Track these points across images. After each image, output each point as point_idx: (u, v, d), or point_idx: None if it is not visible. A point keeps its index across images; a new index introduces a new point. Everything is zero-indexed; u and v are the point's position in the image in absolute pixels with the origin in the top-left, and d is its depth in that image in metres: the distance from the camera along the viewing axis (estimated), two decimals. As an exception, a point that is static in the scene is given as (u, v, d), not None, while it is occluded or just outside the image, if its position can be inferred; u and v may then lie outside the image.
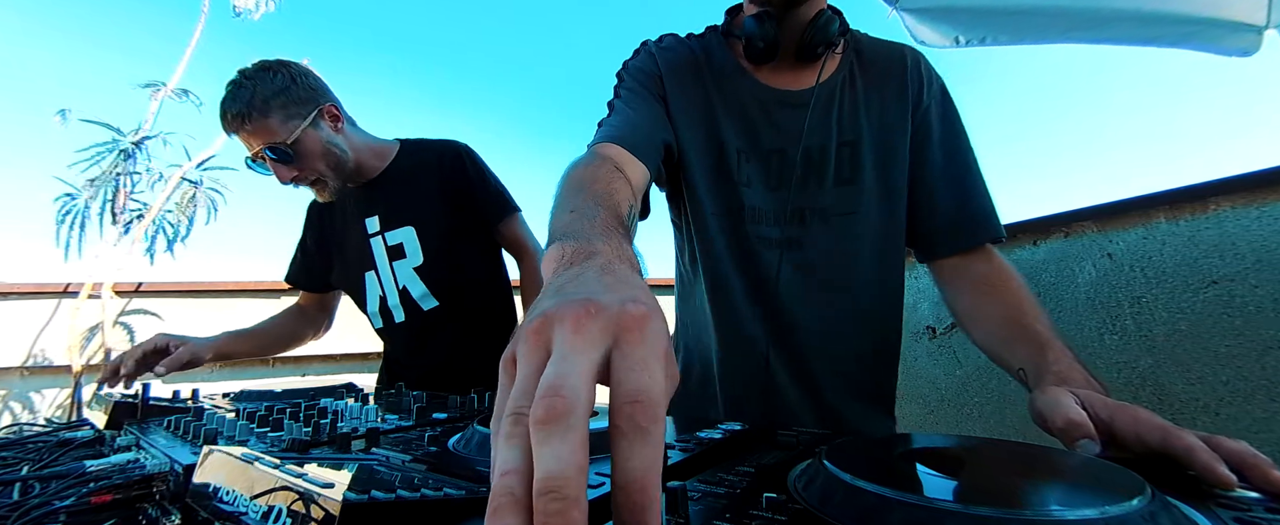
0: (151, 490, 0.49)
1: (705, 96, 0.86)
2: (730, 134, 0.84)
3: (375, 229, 1.25)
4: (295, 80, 1.13)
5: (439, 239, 1.23)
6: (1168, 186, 1.38)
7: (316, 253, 1.35)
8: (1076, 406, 0.47)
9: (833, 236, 0.83)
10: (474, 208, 1.26)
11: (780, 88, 0.84)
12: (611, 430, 0.23)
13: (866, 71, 0.85)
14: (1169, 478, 0.39)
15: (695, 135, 0.85)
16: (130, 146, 3.55)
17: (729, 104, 0.86)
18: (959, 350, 1.78)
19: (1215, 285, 1.30)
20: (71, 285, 2.55)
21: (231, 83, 1.11)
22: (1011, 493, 0.33)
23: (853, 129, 0.83)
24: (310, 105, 1.13)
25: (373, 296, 1.27)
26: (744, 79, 0.86)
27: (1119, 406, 0.47)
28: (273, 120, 1.09)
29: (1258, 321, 1.23)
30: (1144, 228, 1.42)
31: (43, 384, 2.41)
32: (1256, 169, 1.25)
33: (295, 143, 1.10)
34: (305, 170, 1.13)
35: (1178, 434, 0.40)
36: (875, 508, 0.30)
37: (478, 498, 0.35)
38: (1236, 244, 1.28)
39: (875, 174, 0.83)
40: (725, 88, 0.86)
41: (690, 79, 0.87)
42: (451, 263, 1.24)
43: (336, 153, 1.16)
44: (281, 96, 1.10)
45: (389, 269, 1.23)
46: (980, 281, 0.79)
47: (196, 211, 3.75)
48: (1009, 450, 0.41)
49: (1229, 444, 0.39)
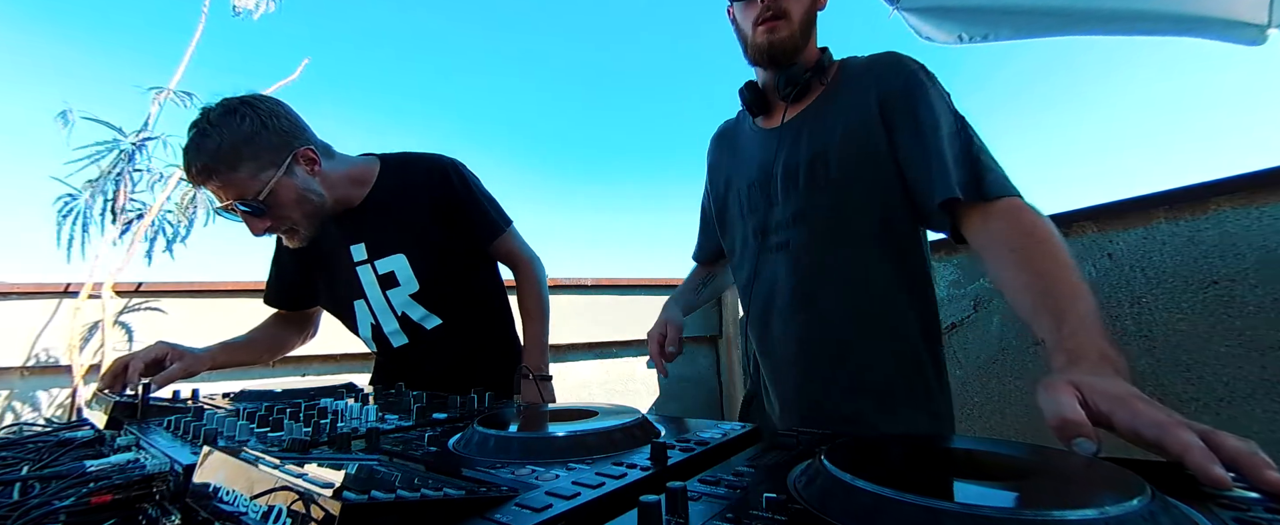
0: (151, 490, 0.49)
1: (727, 158, 1.10)
2: (744, 176, 1.01)
3: (362, 257, 1.17)
4: (266, 125, 1.01)
5: (433, 262, 1.18)
6: (1168, 187, 1.38)
7: (296, 275, 1.28)
8: (1072, 402, 0.45)
9: (812, 233, 0.90)
10: (466, 228, 1.21)
11: (769, 127, 0.99)
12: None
13: (845, 85, 0.92)
14: (1171, 476, 0.39)
15: (733, 190, 1.05)
16: (131, 146, 3.55)
17: (744, 154, 1.04)
18: (959, 350, 1.78)
19: (1215, 285, 1.30)
20: (72, 285, 2.55)
21: (194, 127, 0.99)
22: (1011, 493, 0.33)
23: (822, 142, 0.89)
24: (283, 151, 1.03)
25: (364, 323, 1.22)
26: (751, 131, 1.04)
27: (1120, 399, 0.44)
28: (242, 172, 0.98)
29: (1258, 321, 1.23)
30: (1144, 228, 1.42)
31: (43, 384, 2.41)
32: (1256, 169, 1.25)
33: (268, 195, 1.00)
34: (279, 222, 1.05)
35: (1175, 432, 0.39)
36: (875, 508, 0.30)
37: (478, 498, 0.35)
38: (1236, 244, 1.28)
39: (848, 176, 0.87)
40: (738, 143, 1.08)
41: (725, 148, 1.12)
42: (449, 282, 1.20)
43: (312, 199, 1.07)
44: (251, 145, 0.99)
45: (383, 298, 1.18)
46: (1000, 244, 0.72)
47: (197, 212, 3.74)
48: (1009, 450, 0.41)
49: (1230, 443, 0.38)
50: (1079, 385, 0.47)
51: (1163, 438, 0.39)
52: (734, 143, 1.09)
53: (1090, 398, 0.46)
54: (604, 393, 2.85)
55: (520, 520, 0.32)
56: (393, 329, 1.20)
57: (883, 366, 0.87)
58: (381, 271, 1.17)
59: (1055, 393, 0.46)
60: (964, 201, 0.76)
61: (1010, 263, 0.70)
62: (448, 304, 1.20)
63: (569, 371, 2.78)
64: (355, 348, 1.35)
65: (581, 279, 2.92)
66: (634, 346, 2.90)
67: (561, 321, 1.44)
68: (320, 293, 1.29)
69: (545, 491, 0.37)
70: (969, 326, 1.77)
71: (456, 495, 0.33)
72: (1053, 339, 0.60)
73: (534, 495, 0.36)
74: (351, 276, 1.19)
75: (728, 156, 1.10)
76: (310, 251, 1.19)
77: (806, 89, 0.94)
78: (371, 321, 1.21)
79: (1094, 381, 0.48)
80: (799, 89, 0.94)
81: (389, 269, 1.17)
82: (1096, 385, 0.47)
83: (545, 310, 1.26)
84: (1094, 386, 0.47)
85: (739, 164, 1.05)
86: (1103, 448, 0.41)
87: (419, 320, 1.18)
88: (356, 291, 1.20)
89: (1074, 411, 0.44)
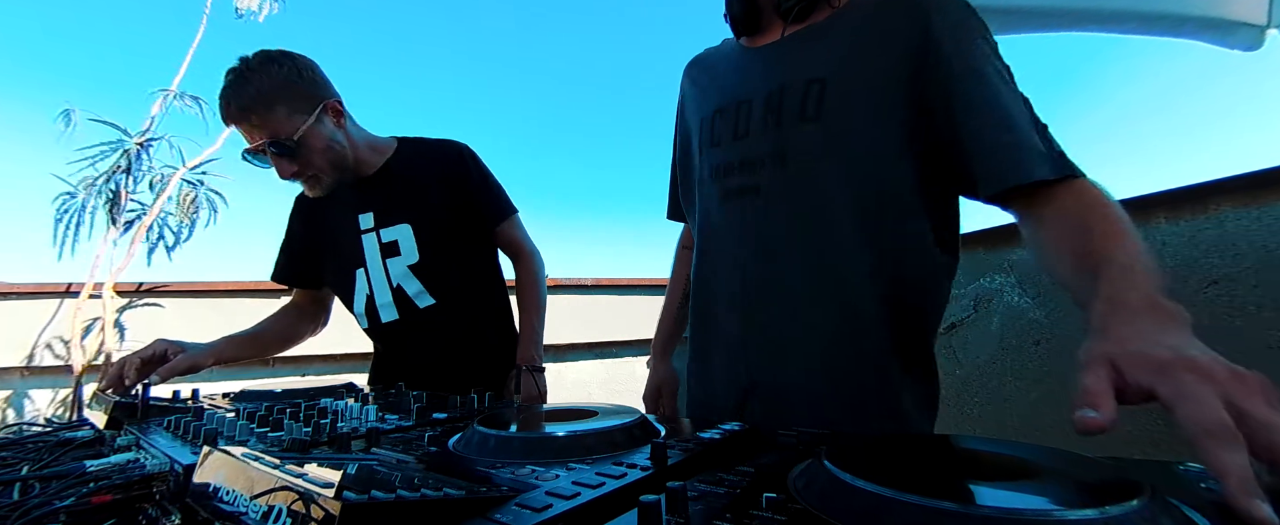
0: (151, 490, 0.49)
1: (705, 82, 0.90)
2: (712, 102, 0.85)
3: (369, 225, 1.22)
4: (300, 75, 1.10)
5: (437, 237, 1.21)
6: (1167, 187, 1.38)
7: (305, 249, 1.32)
8: (1100, 378, 0.37)
9: (789, 181, 0.73)
10: (473, 208, 1.25)
11: (759, 46, 0.82)
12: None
13: (858, 12, 0.75)
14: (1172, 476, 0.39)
15: (694, 120, 0.89)
16: (135, 147, 3.55)
17: (718, 79, 0.87)
18: (959, 350, 1.78)
19: (1215, 285, 1.30)
20: (72, 285, 2.55)
21: (233, 72, 1.07)
22: (1012, 493, 0.33)
23: (825, 65, 0.72)
24: (315, 101, 1.11)
25: (361, 295, 1.24)
26: (733, 52, 0.87)
27: (1163, 368, 0.36)
28: (277, 114, 1.06)
29: (1258, 321, 1.23)
30: (1144, 228, 1.42)
31: (43, 384, 2.41)
32: (1256, 169, 1.25)
33: (299, 139, 1.08)
34: (306, 166, 1.11)
35: (1216, 451, 0.31)
36: (875, 508, 0.30)
37: (478, 498, 0.35)
38: (1236, 244, 1.27)
39: (846, 113, 0.70)
40: (719, 66, 0.90)
41: (700, 74, 0.93)
42: (449, 261, 1.22)
43: (338, 149, 1.14)
44: (286, 91, 1.07)
45: (382, 267, 1.21)
46: (1058, 221, 0.61)
47: (198, 213, 3.74)
48: (1010, 450, 0.41)
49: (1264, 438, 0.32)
50: (1115, 358, 0.38)
51: (1197, 445, 0.32)
52: (710, 68, 0.91)
53: (1128, 369, 0.37)
54: (604, 392, 2.85)
55: (520, 520, 0.32)
56: (386, 302, 1.22)
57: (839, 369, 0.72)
58: (385, 240, 1.21)
59: (1085, 373, 0.38)
60: (1047, 183, 0.62)
61: (1059, 232, 0.60)
62: (444, 284, 1.22)
63: (569, 371, 2.78)
64: (355, 348, 1.35)
65: (581, 279, 2.92)
66: (633, 346, 2.90)
67: (561, 321, 1.44)
68: (326, 266, 1.32)
69: (545, 491, 0.37)
70: (969, 326, 1.77)
71: (456, 495, 0.33)
72: (1090, 290, 0.49)
73: (534, 495, 0.36)
74: (356, 244, 1.23)
75: (699, 84, 0.92)
76: (321, 219, 1.27)
77: (811, 7, 0.77)
78: (367, 292, 1.23)
79: (1134, 348, 0.39)
80: (804, 4, 0.76)
81: (393, 238, 1.21)
82: (1136, 351, 0.38)
83: (542, 303, 1.29)
84: (1133, 354, 0.38)
85: (709, 90, 0.87)
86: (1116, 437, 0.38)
87: (413, 296, 1.21)
88: (358, 260, 1.23)
89: (1099, 383, 0.37)
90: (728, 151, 0.79)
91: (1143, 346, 0.39)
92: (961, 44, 0.68)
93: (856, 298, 0.71)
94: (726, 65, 0.87)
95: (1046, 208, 0.62)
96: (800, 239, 0.73)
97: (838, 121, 0.70)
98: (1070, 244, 0.57)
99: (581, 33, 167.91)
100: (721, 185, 0.80)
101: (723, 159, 0.80)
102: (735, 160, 0.78)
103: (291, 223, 1.34)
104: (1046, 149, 0.63)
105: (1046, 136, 0.65)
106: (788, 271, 0.74)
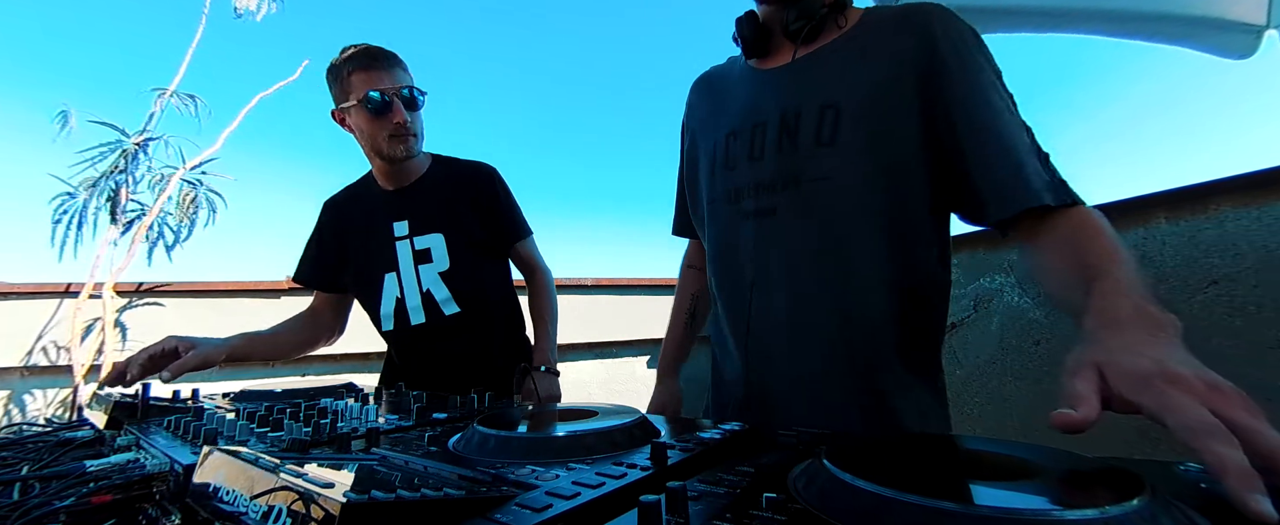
0: (151, 490, 0.49)
1: (715, 103, 0.92)
2: (724, 124, 0.86)
3: (404, 233, 1.30)
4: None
5: (465, 249, 1.29)
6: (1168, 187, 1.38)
7: (333, 251, 1.36)
8: (1087, 381, 0.38)
9: (805, 205, 0.75)
10: (498, 226, 1.35)
11: (769, 68, 0.84)
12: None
13: (867, 34, 0.77)
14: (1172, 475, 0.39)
15: (705, 141, 0.90)
16: (133, 147, 3.55)
17: (729, 101, 0.88)
18: (959, 350, 1.78)
19: (1215, 285, 1.30)
20: (72, 285, 2.55)
21: (362, 45, 1.22)
22: (1012, 493, 0.33)
23: (838, 90, 0.74)
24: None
25: (389, 297, 1.29)
26: (743, 73, 0.89)
27: (1146, 380, 0.37)
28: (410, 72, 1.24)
29: (1258, 321, 1.23)
30: (1144, 228, 1.42)
31: (43, 384, 2.41)
32: (1256, 169, 1.25)
33: (424, 96, 1.24)
34: (416, 121, 1.24)
35: (1210, 445, 0.32)
36: (875, 508, 0.30)
37: (478, 498, 0.35)
38: (1237, 244, 1.28)
39: (861, 138, 0.72)
40: (729, 89, 0.90)
41: (709, 94, 0.95)
42: (474, 273, 1.30)
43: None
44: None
45: (413, 272, 1.28)
46: (1055, 244, 0.64)
47: (198, 213, 3.74)
48: (1010, 450, 0.41)
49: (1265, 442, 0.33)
50: (1103, 365, 0.40)
51: (1194, 446, 0.33)
52: (720, 88, 0.92)
53: (1113, 380, 0.39)
54: (604, 392, 2.85)
55: (520, 520, 0.32)
56: (415, 305, 1.28)
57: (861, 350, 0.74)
58: (418, 247, 1.28)
59: (1071, 377, 0.39)
60: (1048, 209, 0.64)
61: (1056, 254, 0.63)
62: (468, 292, 1.29)
63: (569, 371, 2.78)
64: (355, 348, 1.36)
65: (581, 279, 2.92)
66: (634, 346, 2.90)
67: (561, 321, 1.47)
68: (351, 270, 1.36)
69: (545, 491, 0.37)
70: (969, 326, 1.77)
71: (456, 495, 0.33)
72: (1082, 303, 0.51)
73: (534, 495, 0.36)
74: (389, 250, 1.30)
75: (708, 103, 0.93)
76: (352, 224, 1.36)
77: (820, 29, 0.79)
78: (397, 295, 1.30)
79: (1120, 359, 0.40)
80: (812, 26, 0.78)
81: (426, 246, 1.28)
82: (1123, 363, 0.39)
83: (555, 312, 1.42)
84: (1120, 365, 0.39)
85: (721, 111, 0.88)
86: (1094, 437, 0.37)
87: (440, 302, 1.27)
88: (391, 264, 1.30)
89: (1086, 386, 0.38)
90: (742, 174, 0.80)
91: (1128, 358, 0.40)
92: (968, 69, 0.70)
93: (872, 318, 0.73)
94: (738, 87, 0.88)
95: (1046, 232, 0.65)
96: (816, 261, 0.74)
97: (852, 146, 0.72)
98: (1066, 263, 0.60)
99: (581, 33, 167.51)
100: (736, 207, 0.81)
101: (737, 182, 0.81)
102: (750, 183, 0.79)
103: (321, 227, 1.40)
104: (1049, 177, 0.66)
105: (1048, 164, 0.68)
106: (803, 294, 0.75)
